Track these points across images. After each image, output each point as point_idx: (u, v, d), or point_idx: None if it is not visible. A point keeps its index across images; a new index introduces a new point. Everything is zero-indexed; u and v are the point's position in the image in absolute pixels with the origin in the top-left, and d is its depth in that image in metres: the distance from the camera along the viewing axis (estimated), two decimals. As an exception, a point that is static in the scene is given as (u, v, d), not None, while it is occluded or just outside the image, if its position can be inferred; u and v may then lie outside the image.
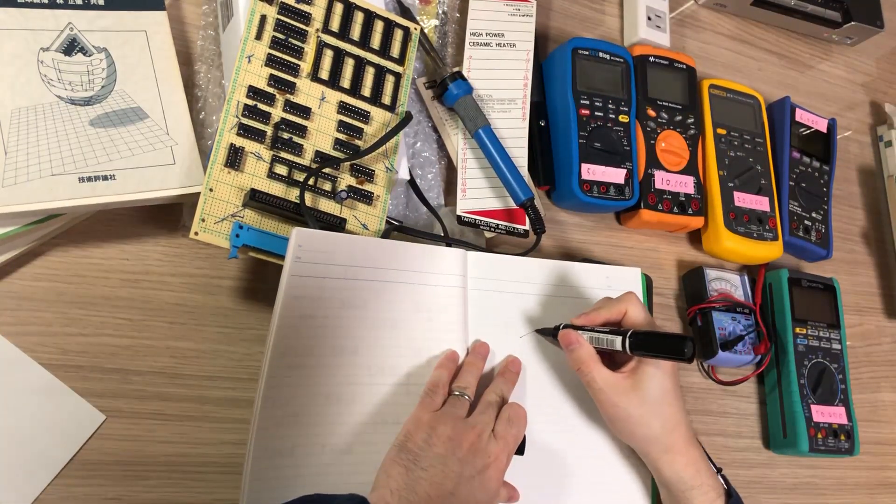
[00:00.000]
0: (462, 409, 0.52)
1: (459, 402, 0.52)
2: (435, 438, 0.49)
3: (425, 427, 0.50)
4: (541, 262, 0.63)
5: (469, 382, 0.54)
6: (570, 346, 0.55)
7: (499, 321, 0.59)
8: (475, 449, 0.50)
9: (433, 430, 0.49)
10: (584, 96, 0.72)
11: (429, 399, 0.52)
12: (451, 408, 0.52)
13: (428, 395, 0.52)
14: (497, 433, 0.51)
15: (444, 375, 0.54)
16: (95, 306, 0.55)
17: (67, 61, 0.53)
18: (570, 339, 0.55)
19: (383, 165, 0.61)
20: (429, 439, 0.49)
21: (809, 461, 0.79)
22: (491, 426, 0.52)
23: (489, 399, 0.54)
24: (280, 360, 0.50)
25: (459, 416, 0.51)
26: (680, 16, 0.90)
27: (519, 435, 0.53)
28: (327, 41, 0.60)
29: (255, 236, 0.54)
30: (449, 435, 0.49)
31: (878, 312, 0.90)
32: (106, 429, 0.53)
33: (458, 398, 0.53)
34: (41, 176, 0.50)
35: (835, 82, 0.99)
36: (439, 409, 0.52)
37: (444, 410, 0.51)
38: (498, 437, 0.51)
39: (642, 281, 0.65)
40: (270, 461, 0.49)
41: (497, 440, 0.51)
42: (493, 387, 0.55)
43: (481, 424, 0.51)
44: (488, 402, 0.53)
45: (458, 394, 0.53)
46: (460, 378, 0.55)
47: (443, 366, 0.55)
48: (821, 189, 0.83)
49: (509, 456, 0.52)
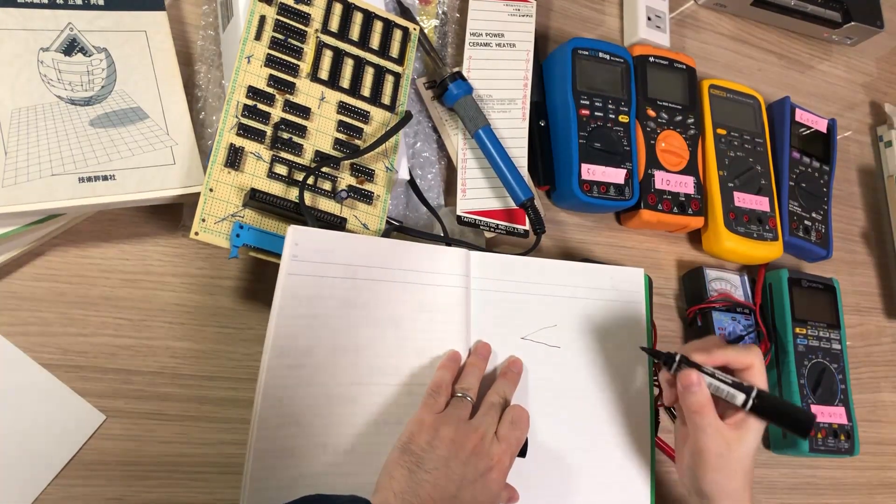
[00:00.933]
0: (465, 410, 0.52)
1: (462, 403, 0.52)
2: (438, 441, 0.49)
3: (428, 429, 0.50)
4: (544, 262, 0.63)
5: (471, 384, 0.54)
6: (690, 388, 0.54)
7: (501, 321, 0.59)
8: (478, 451, 0.50)
9: (436, 432, 0.49)
10: (584, 96, 0.72)
11: (432, 400, 0.52)
12: (454, 410, 0.52)
13: (431, 397, 0.52)
14: (500, 435, 0.51)
15: (447, 376, 0.54)
16: (95, 306, 0.55)
17: (67, 61, 0.53)
18: (692, 381, 0.53)
19: (383, 165, 0.61)
20: (432, 441, 0.49)
21: (809, 461, 0.79)
22: (494, 428, 0.52)
23: (492, 401, 0.54)
24: (279, 359, 0.50)
25: (462, 417, 0.51)
26: (680, 16, 0.90)
27: (522, 437, 0.53)
28: (326, 41, 0.60)
29: (256, 236, 0.54)
30: (452, 437, 0.49)
31: (878, 312, 0.90)
32: (106, 429, 0.53)
33: (460, 400, 0.53)
34: (41, 176, 0.50)
35: (835, 82, 0.99)
36: (442, 412, 0.52)
37: (447, 412, 0.51)
38: (501, 439, 0.51)
39: (645, 282, 0.65)
40: (270, 461, 0.49)
41: (500, 442, 0.51)
42: (495, 388, 0.55)
43: (484, 427, 0.51)
44: (491, 404, 0.53)
45: (460, 395, 0.53)
46: (462, 379, 0.54)
47: (445, 367, 0.55)
48: (821, 189, 0.83)
49: (512, 458, 0.52)
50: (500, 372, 0.57)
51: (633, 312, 0.64)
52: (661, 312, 0.76)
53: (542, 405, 0.58)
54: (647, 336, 0.64)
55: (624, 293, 0.64)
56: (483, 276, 0.60)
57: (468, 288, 0.59)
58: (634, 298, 0.64)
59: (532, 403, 0.58)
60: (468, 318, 0.58)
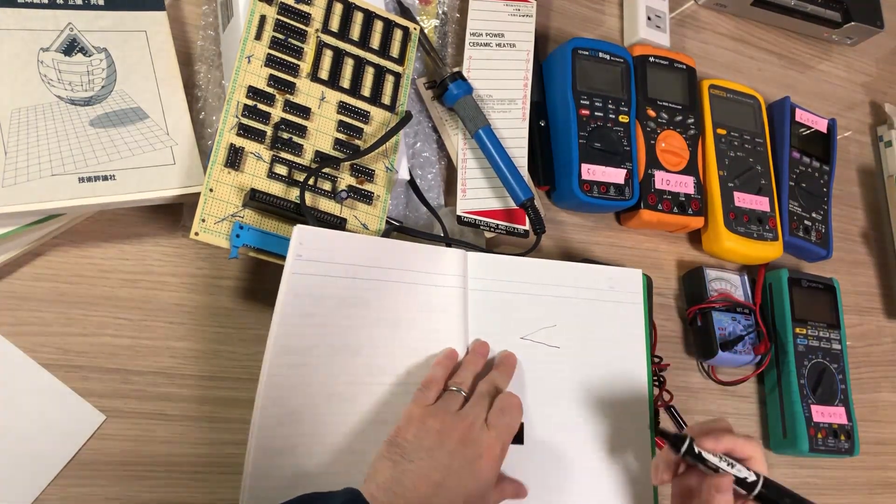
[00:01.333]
0: (456, 403, 0.52)
1: (453, 397, 0.52)
2: (424, 432, 0.49)
3: (416, 421, 0.50)
4: (542, 263, 0.63)
5: (465, 378, 0.54)
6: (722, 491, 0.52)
7: (499, 322, 0.59)
8: (465, 440, 0.49)
9: (423, 423, 0.49)
10: (584, 96, 0.72)
11: (421, 395, 0.52)
12: (444, 402, 0.52)
13: (421, 391, 0.52)
14: (490, 423, 0.51)
15: (440, 372, 0.54)
16: (95, 306, 0.55)
17: (67, 61, 0.53)
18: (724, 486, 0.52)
19: (383, 165, 0.61)
20: (418, 433, 0.49)
21: (809, 461, 0.78)
22: (483, 416, 0.51)
23: (482, 390, 0.53)
24: (280, 358, 0.50)
25: (451, 409, 0.51)
26: (680, 16, 0.90)
27: (513, 424, 0.52)
28: (327, 41, 0.60)
29: (256, 236, 0.54)
30: (438, 428, 0.49)
31: (878, 312, 0.90)
32: (106, 429, 0.53)
33: (453, 393, 0.53)
34: (41, 176, 0.50)
35: (835, 82, 0.99)
36: (432, 405, 0.52)
37: (436, 405, 0.51)
38: (490, 426, 0.51)
39: (643, 283, 0.65)
40: (271, 461, 0.49)
41: (490, 430, 0.51)
42: (487, 378, 0.55)
43: (472, 415, 0.51)
44: (481, 393, 0.53)
45: (454, 389, 0.53)
46: (458, 374, 0.54)
47: (440, 363, 0.55)
48: (821, 189, 0.83)
49: (504, 445, 0.51)
50: (494, 365, 0.57)
51: (631, 313, 0.64)
52: (661, 312, 0.76)
53: (541, 405, 0.58)
54: (645, 337, 0.64)
55: (622, 294, 0.64)
56: (481, 277, 0.59)
57: (465, 288, 0.59)
58: (633, 299, 0.64)
59: (531, 403, 0.58)
60: (466, 318, 0.58)
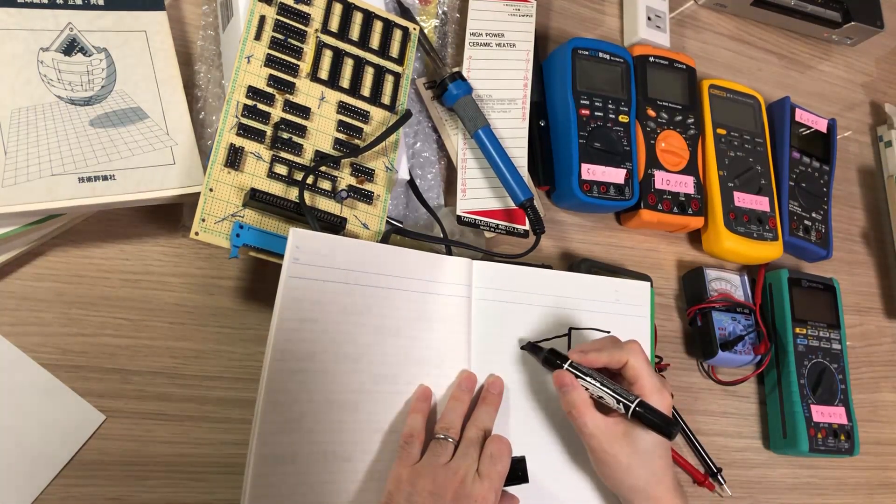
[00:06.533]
0: (444, 454, 0.50)
1: (441, 446, 0.51)
2: (416, 495, 0.48)
3: (405, 484, 0.49)
4: (548, 273, 0.62)
5: (452, 422, 0.52)
6: (563, 388, 0.53)
7: (503, 332, 0.58)
8: (459, 496, 0.48)
9: (413, 486, 0.48)
10: (584, 96, 0.72)
11: (405, 452, 0.50)
12: (431, 457, 0.50)
13: (404, 449, 0.51)
14: (482, 473, 0.50)
15: (419, 422, 0.52)
16: (95, 306, 0.55)
17: (67, 61, 0.53)
18: (564, 381, 0.53)
19: (383, 165, 0.61)
20: (410, 497, 0.48)
21: (809, 461, 0.79)
22: (474, 467, 0.50)
23: (470, 436, 0.52)
24: (280, 363, 0.50)
25: (440, 463, 0.50)
26: (680, 16, 0.90)
27: (504, 470, 0.51)
28: (326, 41, 0.60)
29: (256, 236, 0.54)
30: (430, 489, 0.48)
31: (878, 312, 0.90)
32: (106, 429, 0.53)
33: (440, 442, 0.51)
34: (41, 176, 0.50)
35: (835, 82, 0.99)
36: (418, 462, 0.50)
37: (423, 461, 0.50)
38: (483, 476, 0.49)
39: (651, 295, 0.64)
40: (271, 468, 0.48)
41: (482, 481, 0.49)
42: (473, 420, 0.53)
43: (464, 469, 0.49)
44: (470, 441, 0.51)
45: (441, 437, 0.51)
46: (443, 418, 0.53)
47: (416, 409, 0.53)
48: (821, 189, 0.83)
49: (497, 492, 0.50)
50: (480, 397, 0.56)
51: (637, 325, 0.63)
52: (661, 312, 0.76)
53: (544, 416, 0.58)
54: (650, 346, 0.63)
55: (629, 306, 0.63)
56: (486, 286, 0.59)
57: (470, 297, 0.58)
58: (639, 312, 0.63)
59: (533, 415, 0.57)
60: (469, 328, 0.57)
